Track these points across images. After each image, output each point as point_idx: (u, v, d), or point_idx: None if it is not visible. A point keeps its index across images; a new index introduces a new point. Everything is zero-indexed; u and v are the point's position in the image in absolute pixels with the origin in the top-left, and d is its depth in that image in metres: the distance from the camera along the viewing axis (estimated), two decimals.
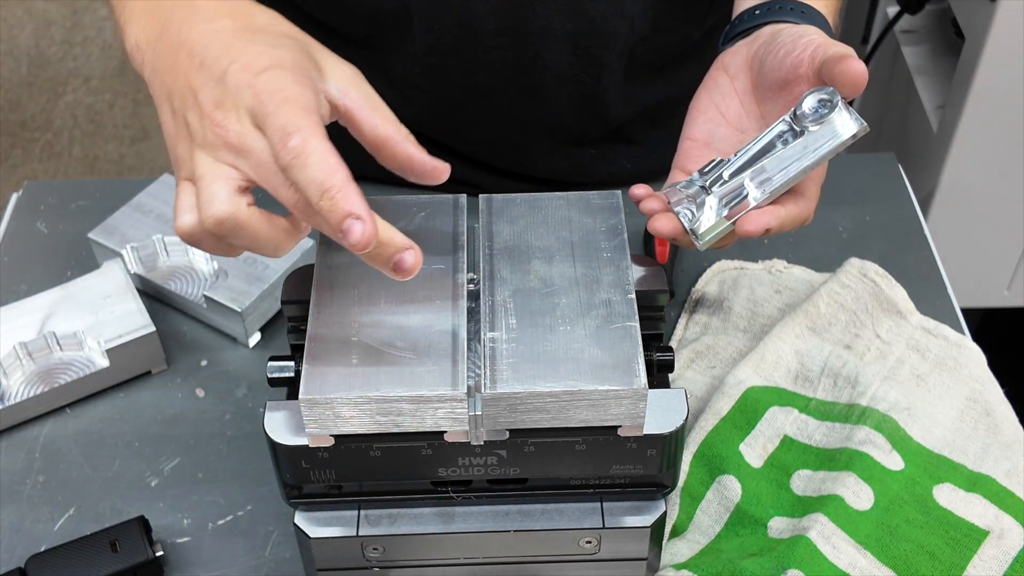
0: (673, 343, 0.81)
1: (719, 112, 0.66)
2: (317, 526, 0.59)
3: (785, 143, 0.60)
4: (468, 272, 0.59)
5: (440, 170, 0.56)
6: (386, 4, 0.80)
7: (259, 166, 0.51)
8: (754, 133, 0.64)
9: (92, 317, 0.79)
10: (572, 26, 0.80)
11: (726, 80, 0.67)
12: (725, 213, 0.61)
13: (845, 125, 0.59)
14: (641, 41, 0.84)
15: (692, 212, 0.62)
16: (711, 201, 0.61)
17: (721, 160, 0.62)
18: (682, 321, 0.82)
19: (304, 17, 0.87)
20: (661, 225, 0.62)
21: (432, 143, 0.92)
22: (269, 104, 0.51)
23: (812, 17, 0.66)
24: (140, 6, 0.60)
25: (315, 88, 0.53)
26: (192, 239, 0.53)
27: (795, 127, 0.60)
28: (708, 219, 0.61)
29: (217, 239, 0.53)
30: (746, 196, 0.60)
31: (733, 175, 0.61)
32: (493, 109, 0.87)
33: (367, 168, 0.57)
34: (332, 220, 0.49)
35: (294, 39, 0.56)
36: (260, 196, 0.53)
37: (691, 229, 0.62)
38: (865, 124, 0.59)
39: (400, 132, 0.55)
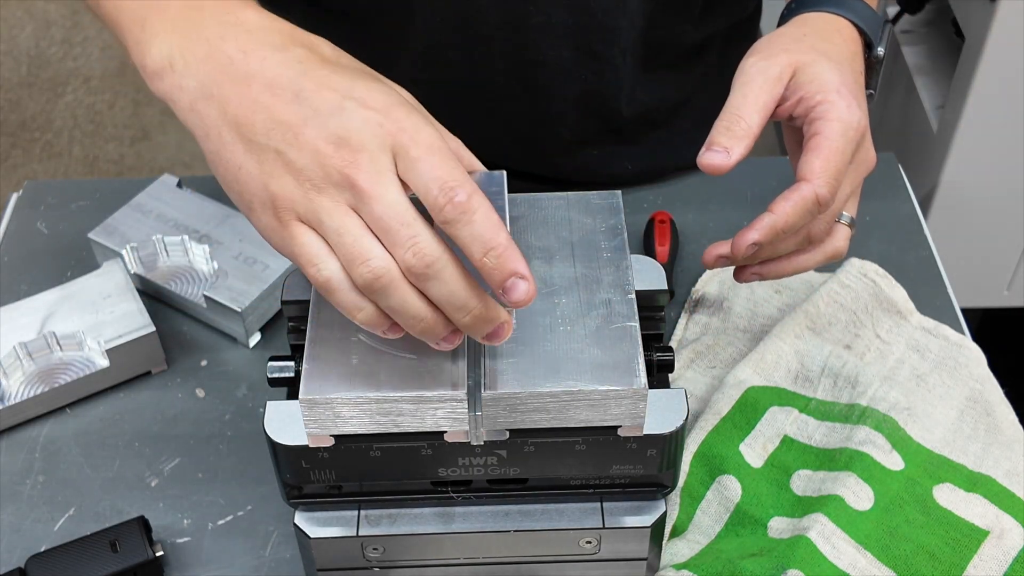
0: (673, 343, 0.81)
1: None
2: (317, 526, 0.59)
3: None
4: None
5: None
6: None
7: (383, 218, 0.49)
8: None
9: (92, 317, 0.79)
10: (573, 20, 0.80)
11: None
12: None
13: None
14: (640, 37, 0.84)
15: None
16: None
17: None
18: (682, 321, 0.82)
19: (307, 4, 0.87)
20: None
21: None
22: (414, 148, 0.49)
23: (850, 4, 0.67)
24: (167, 25, 0.56)
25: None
26: (330, 289, 0.50)
27: None
28: None
29: (360, 296, 0.50)
30: None
31: None
32: (495, 105, 0.87)
33: None
34: (496, 277, 0.49)
35: (367, 70, 0.55)
36: None
37: None
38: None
39: (460, 144, 0.57)
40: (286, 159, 0.50)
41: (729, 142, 0.60)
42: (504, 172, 0.59)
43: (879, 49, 0.67)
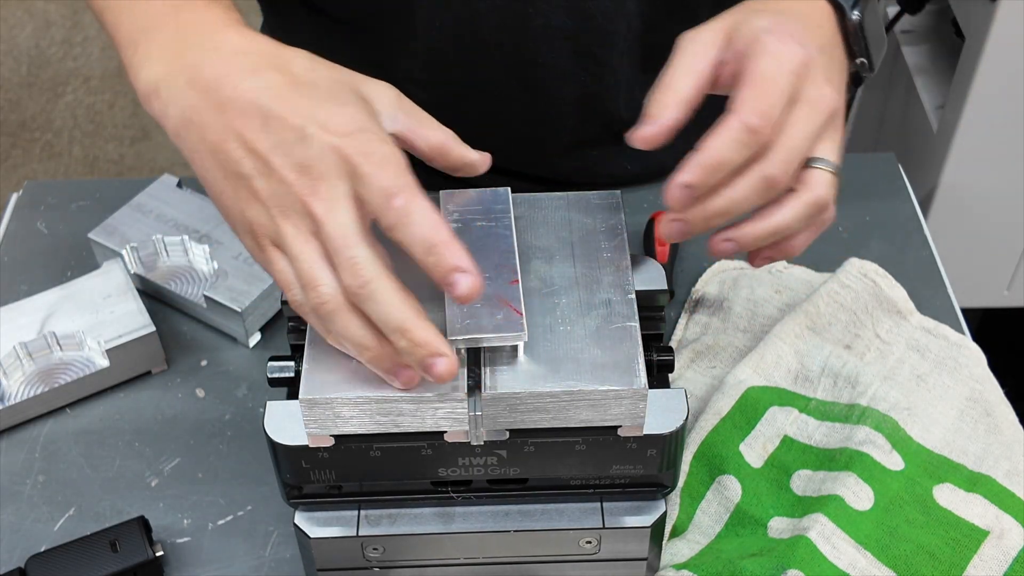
0: (673, 343, 0.81)
1: None
2: (317, 526, 0.59)
3: None
4: None
5: (486, 160, 0.59)
6: (387, 1, 0.81)
7: (329, 240, 0.51)
8: None
9: (92, 317, 0.79)
10: (573, 24, 0.80)
11: None
12: None
13: None
14: (638, 39, 0.84)
15: None
16: None
17: None
18: (682, 321, 0.82)
19: (309, 9, 0.87)
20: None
21: None
22: (365, 166, 0.51)
23: None
24: (155, 50, 0.58)
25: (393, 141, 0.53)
26: (303, 313, 0.54)
27: None
28: None
29: (318, 319, 0.53)
30: None
31: None
32: (495, 107, 0.87)
33: None
34: (438, 273, 0.50)
35: (342, 82, 0.55)
36: None
37: None
38: None
39: (449, 136, 0.57)
40: (257, 186, 0.53)
41: (656, 110, 0.57)
42: (508, 189, 0.60)
43: (853, 13, 0.62)
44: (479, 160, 0.59)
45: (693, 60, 0.58)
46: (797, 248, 0.60)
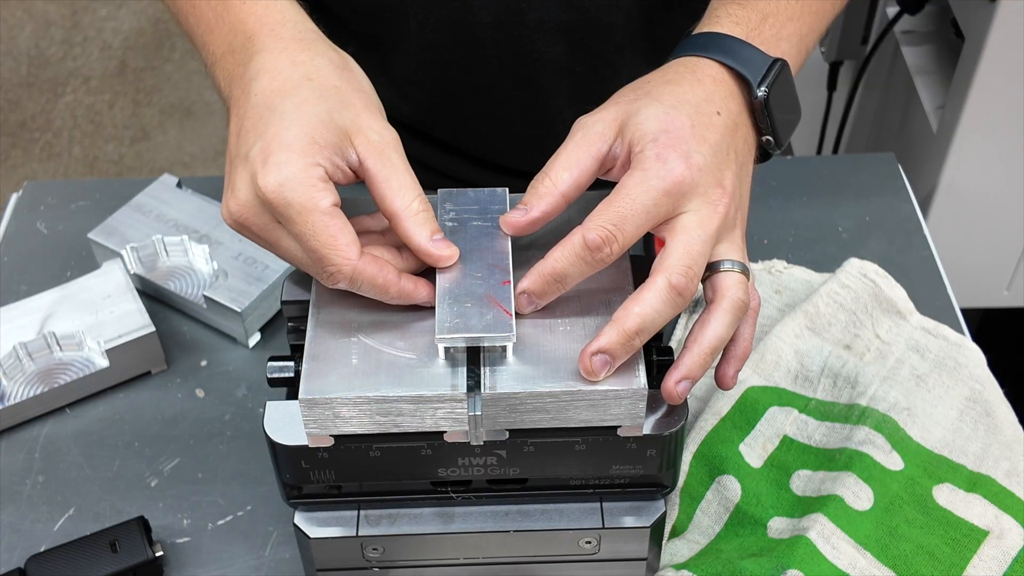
0: (673, 343, 0.81)
1: None
2: (317, 526, 0.59)
3: None
4: None
5: (441, 258, 0.56)
6: (380, 0, 0.81)
7: (288, 254, 0.56)
8: None
9: (92, 317, 0.79)
10: (568, 18, 0.80)
11: None
12: None
13: None
14: (638, 33, 0.84)
15: None
16: None
17: None
18: (682, 321, 0.82)
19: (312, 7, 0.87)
20: None
21: (432, 140, 0.92)
22: (283, 210, 0.53)
23: (721, 45, 0.61)
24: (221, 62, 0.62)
25: (325, 169, 0.54)
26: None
27: None
28: None
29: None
30: None
31: None
32: (492, 104, 0.87)
33: None
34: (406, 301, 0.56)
35: (332, 96, 0.55)
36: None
37: None
38: None
39: (408, 210, 0.55)
40: (230, 181, 0.57)
41: (530, 199, 0.57)
42: (506, 189, 0.60)
43: (759, 90, 0.60)
44: (430, 255, 0.56)
45: (576, 151, 0.57)
46: (747, 347, 0.60)
